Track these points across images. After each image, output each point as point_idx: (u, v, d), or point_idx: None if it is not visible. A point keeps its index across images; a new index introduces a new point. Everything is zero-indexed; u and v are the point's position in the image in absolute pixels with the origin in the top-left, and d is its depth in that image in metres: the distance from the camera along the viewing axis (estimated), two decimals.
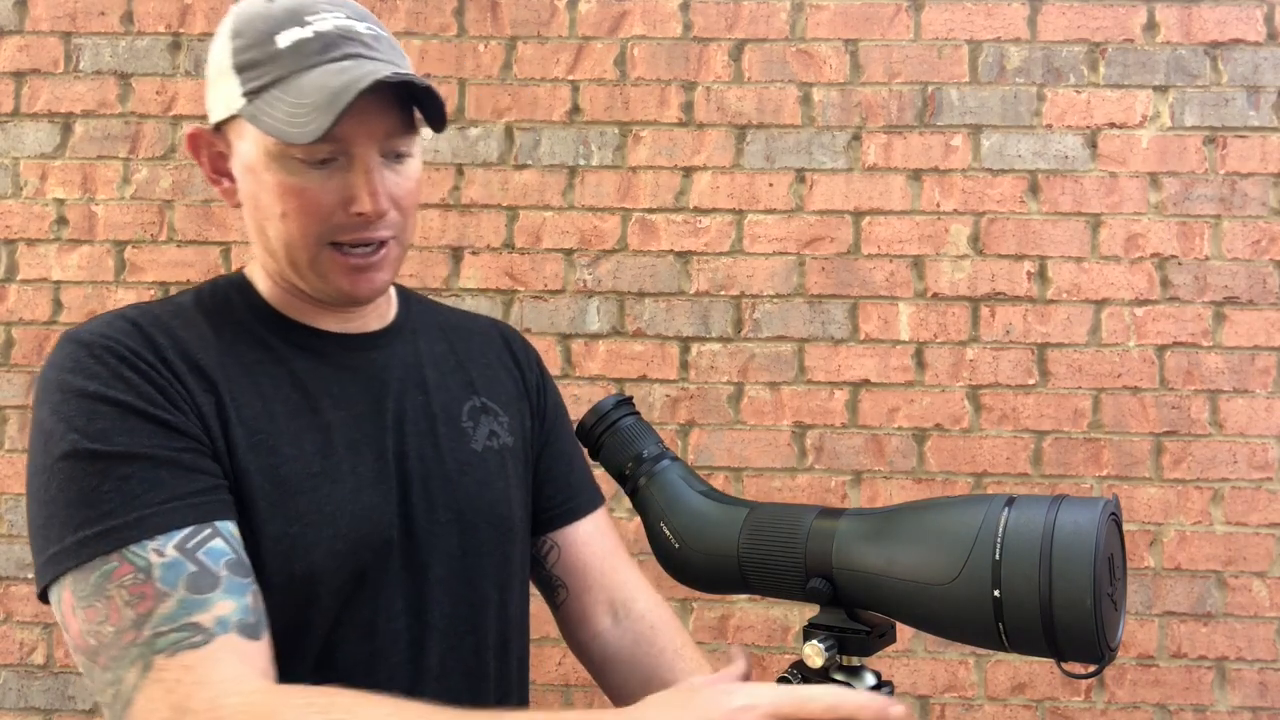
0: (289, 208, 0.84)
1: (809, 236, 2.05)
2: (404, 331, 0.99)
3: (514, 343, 1.10)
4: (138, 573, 0.73)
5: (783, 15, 2.07)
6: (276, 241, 0.86)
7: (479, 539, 0.93)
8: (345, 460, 0.86)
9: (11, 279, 2.08)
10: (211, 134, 0.89)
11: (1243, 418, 1.98)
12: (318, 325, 0.92)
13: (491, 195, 2.07)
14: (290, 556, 0.81)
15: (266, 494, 0.82)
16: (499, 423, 0.99)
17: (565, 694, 2.00)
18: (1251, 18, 2.02)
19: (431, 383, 0.96)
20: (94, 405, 0.78)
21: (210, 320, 0.88)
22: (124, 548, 0.74)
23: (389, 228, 0.87)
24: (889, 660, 1.97)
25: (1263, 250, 2.00)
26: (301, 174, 0.83)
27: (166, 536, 0.75)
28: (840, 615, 0.71)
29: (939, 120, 2.05)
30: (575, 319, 2.05)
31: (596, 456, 0.85)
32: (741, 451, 2.02)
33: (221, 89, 0.85)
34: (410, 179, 0.88)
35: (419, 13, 2.09)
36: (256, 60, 0.82)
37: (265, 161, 0.83)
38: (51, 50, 2.10)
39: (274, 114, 0.80)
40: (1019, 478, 2.00)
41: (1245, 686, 1.95)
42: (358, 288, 0.87)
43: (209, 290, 0.93)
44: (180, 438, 0.79)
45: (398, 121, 0.85)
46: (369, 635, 0.86)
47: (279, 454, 0.83)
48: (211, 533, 0.77)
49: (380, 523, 0.87)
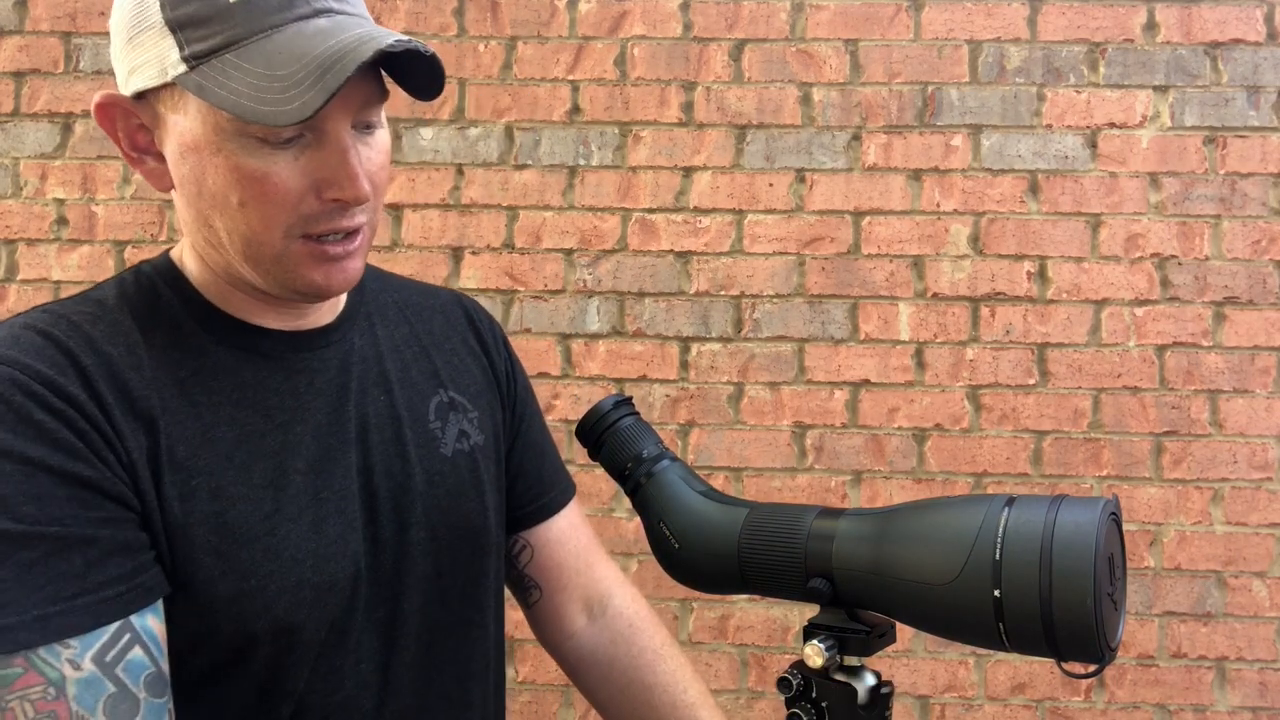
0: (248, 195, 0.69)
1: (809, 236, 2.05)
2: (359, 318, 0.85)
3: (479, 320, 0.96)
4: (48, 686, 0.61)
5: (783, 15, 2.07)
6: (230, 234, 0.72)
7: (454, 557, 0.84)
8: (304, 489, 0.75)
9: (11, 279, 2.08)
10: (130, 102, 0.72)
11: (1243, 418, 1.98)
12: (262, 323, 0.78)
13: (491, 195, 2.07)
14: (248, 616, 0.70)
15: (212, 548, 0.69)
16: (469, 420, 0.89)
17: (565, 693, 2.00)
18: (1251, 18, 2.02)
19: (394, 377, 0.84)
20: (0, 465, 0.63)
21: (138, 320, 0.73)
22: (29, 650, 0.61)
23: (364, 212, 0.74)
24: (889, 660, 1.97)
25: (1263, 250, 2.00)
26: (262, 156, 0.68)
27: (82, 642, 0.63)
28: (840, 615, 0.70)
29: (939, 120, 2.05)
30: (575, 319, 2.05)
31: (596, 457, 0.85)
32: (741, 451, 2.02)
33: (148, 50, 0.69)
34: (382, 152, 0.75)
35: (419, 13, 2.09)
36: (199, 16, 0.67)
37: (215, 140, 0.68)
38: (51, 50, 2.10)
39: (232, 85, 0.66)
40: (1019, 478, 2.00)
41: (1245, 686, 1.95)
42: (331, 280, 0.74)
43: (132, 281, 0.77)
44: (100, 502, 0.65)
45: (372, 89, 0.71)
46: (339, 683, 0.76)
47: (223, 496, 0.71)
48: (131, 639, 0.65)
49: (347, 556, 0.76)
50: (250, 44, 0.67)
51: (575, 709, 2.00)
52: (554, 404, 2.04)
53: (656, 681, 0.97)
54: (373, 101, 0.72)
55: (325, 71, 0.65)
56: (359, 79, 0.68)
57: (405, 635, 0.80)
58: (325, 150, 0.70)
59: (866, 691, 0.69)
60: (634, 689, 0.97)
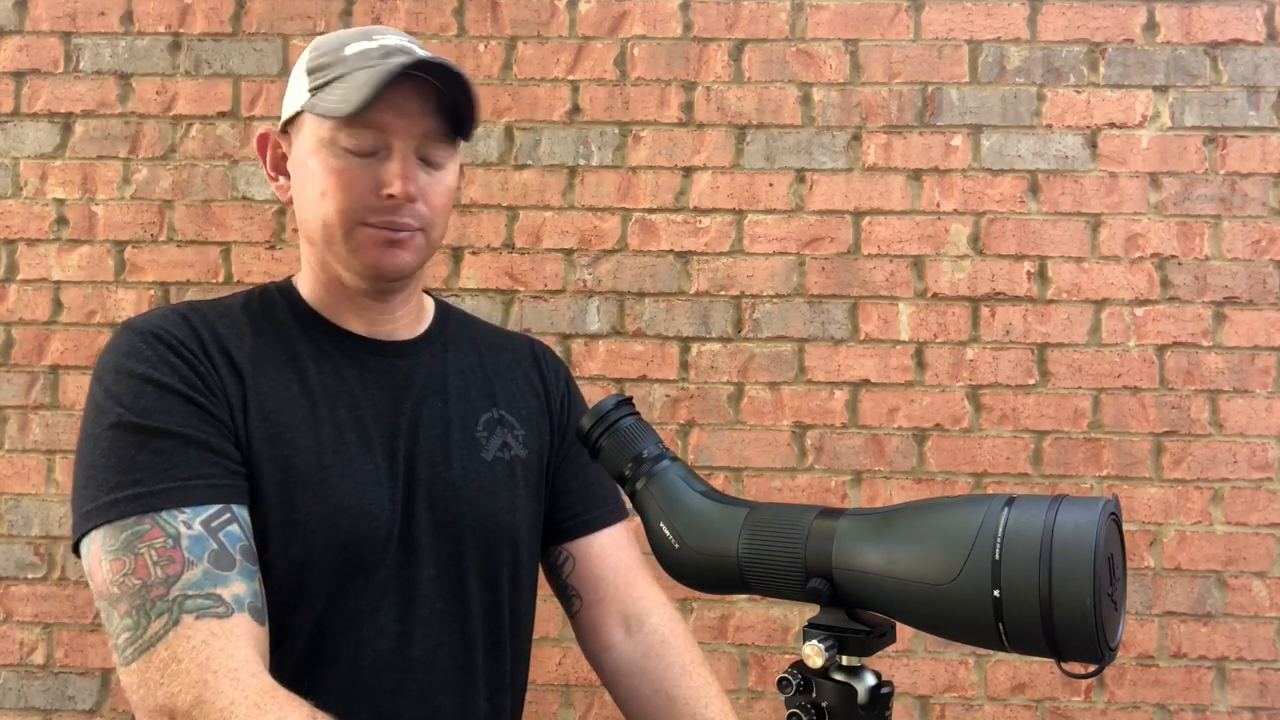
0: (328, 186, 0.91)
1: (809, 236, 2.05)
2: (435, 342, 1.04)
3: (544, 360, 1.13)
4: (167, 538, 0.81)
5: (783, 15, 2.07)
6: (315, 222, 0.93)
7: (476, 544, 0.97)
8: (356, 458, 0.92)
9: (11, 279, 2.08)
10: (278, 135, 0.98)
11: (1243, 418, 1.98)
12: (352, 329, 0.99)
13: (491, 195, 2.07)
14: (289, 542, 0.87)
15: (277, 482, 0.88)
16: (514, 435, 1.03)
17: (565, 693, 2.00)
18: (1251, 18, 2.02)
19: (453, 391, 1.01)
20: (141, 385, 0.86)
21: (252, 321, 0.96)
22: (155, 512, 0.81)
23: (416, 218, 0.93)
24: (889, 660, 1.97)
25: (1263, 250, 2.00)
26: (345, 159, 0.90)
27: (194, 511, 0.82)
28: (840, 615, 0.70)
29: (939, 120, 2.05)
30: (575, 319, 2.05)
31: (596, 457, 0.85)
32: (741, 451, 2.02)
33: (293, 92, 0.95)
34: (443, 186, 0.96)
35: (419, 13, 2.09)
36: (325, 64, 0.92)
37: (316, 148, 0.91)
38: (51, 50, 2.10)
39: (328, 99, 0.89)
40: (1019, 478, 2.00)
41: (1245, 686, 1.95)
42: (384, 260, 0.93)
43: (258, 295, 1.00)
44: (211, 422, 0.87)
45: (438, 127, 0.93)
46: (358, 624, 0.90)
47: (293, 446, 0.90)
48: (230, 517, 0.84)
49: (379, 519, 0.91)
50: (349, 75, 0.89)
51: (575, 709, 2.00)
52: None
53: (680, 695, 1.03)
54: (436, 137, 0.93)
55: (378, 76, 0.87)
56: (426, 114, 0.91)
57: (422, 597, 0.93)
58: (390, 160, 0.91)
59: (866, 691, 0.69)
60: (659, 700, 1.03)
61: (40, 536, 2.04)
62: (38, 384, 2.06)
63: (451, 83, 0.90)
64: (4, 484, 2.05)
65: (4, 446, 2.05)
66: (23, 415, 2.05)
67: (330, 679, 0.89)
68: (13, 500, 2.05)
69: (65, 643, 2.02)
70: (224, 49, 2.10)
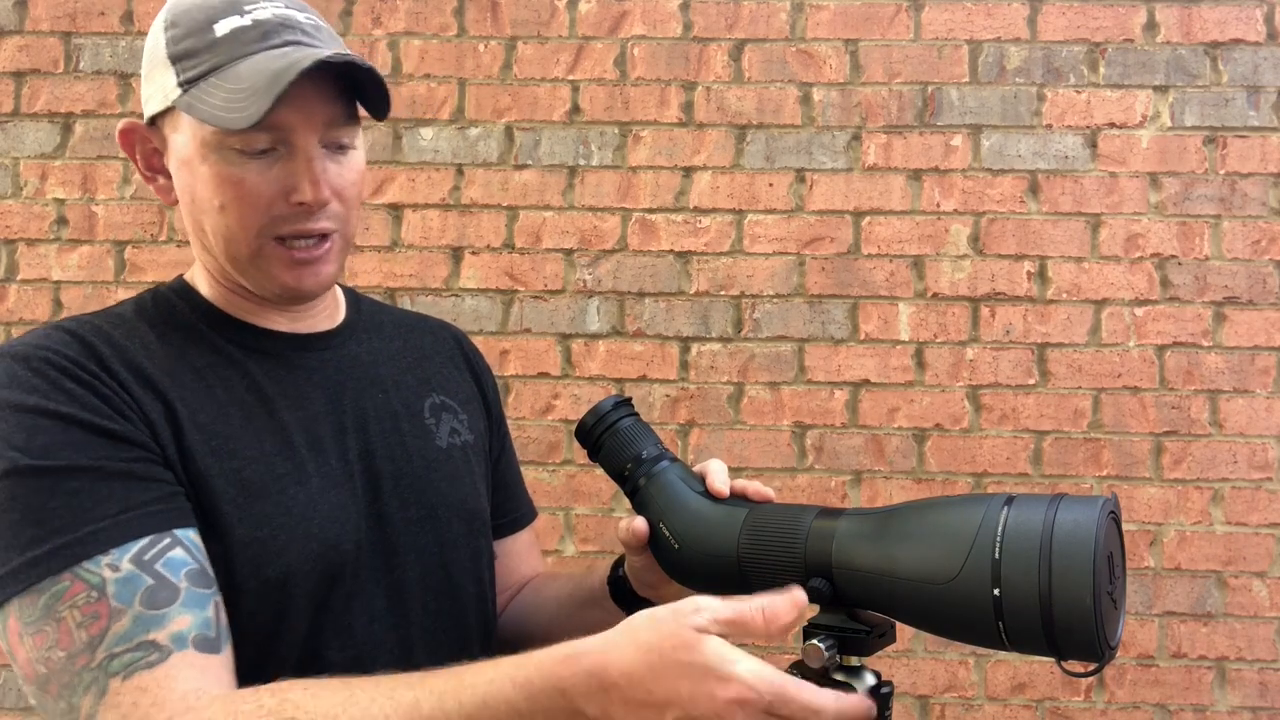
0: (227, 199, 0.80)
1: (809, 236, 2.05)
2: (356, 330, 0.96)
3: (466, 346, 1.08)
4: (90, 590, 0.70)
5: (783, 15, 2.07)
6: (215, 236, 0.83)
7: (453, 534, 0.92)
8: (309, 460, 0.84)
9: (11, 279, 2.08)
10: (146, 129, 0.85)
11: (1243, 418, 1.98)
12: (267, 325, 0.89)
13: (491, 195, 2.07)
14: (261, 561, 0.78)
15: (231, 498, 0.79)
16: (459, 420, 0.98)
17: None
18: (1251, 18, 2.02)
19: (389, 380, 0.94)
20: (34, 420, 0.73)
21: (154, 327, 0.85)
22: (76, 565, 0.70)
23: (331, 219, 0.83)
24: (889, 660, 1.97)
25: (1263, 250, 2.00)
26: (240, 164, 0.79)
27: (122, 549, 0.71)
28: (840, 615, 0.70)
29: (939, 120, 2.05)
30: (575, 319, 2.05)
31: (596, 457, 0.85)
32: (741, 451, 2.02)
33: (157, 81, 0.82)
34: (353, 170, 0.85)
35: (419, 13, 2.09)
36: (192, 49, 0.79)
37: (202, 153, 0.80)
38: (51, 50, 2.10)
39: (210, 101, 0.77)
40: (1019, 478, 2.00)
41: (1245, 686, 1.95)
42: (302, 282, 0.84)
43: (150, 298, 0.89)
44: (129, 448, 0.75)
45: (339, 111, 0.82)
46: (350, 641, 0.83)
47: (240, 456, 0.80)
48: (171, 542, 0.73)
49: (350, 522, 0.84)
50: (228, 68, 0.78)
51: None
52: (554, 404, 2.04)
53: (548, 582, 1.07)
54: (339, 122, 0.83)
55: (273, 82, 0.75)
56: (324, 100, 0.80)
57: (412, 600, 0.88)
58: (293, 160, 0.81)
59: (866, 691, 0.69)
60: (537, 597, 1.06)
61: None
62: None
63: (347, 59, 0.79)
64: None
65: None
66: None
67: None
68: None
69: None
70: None
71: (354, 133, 0.85)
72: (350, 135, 0.85)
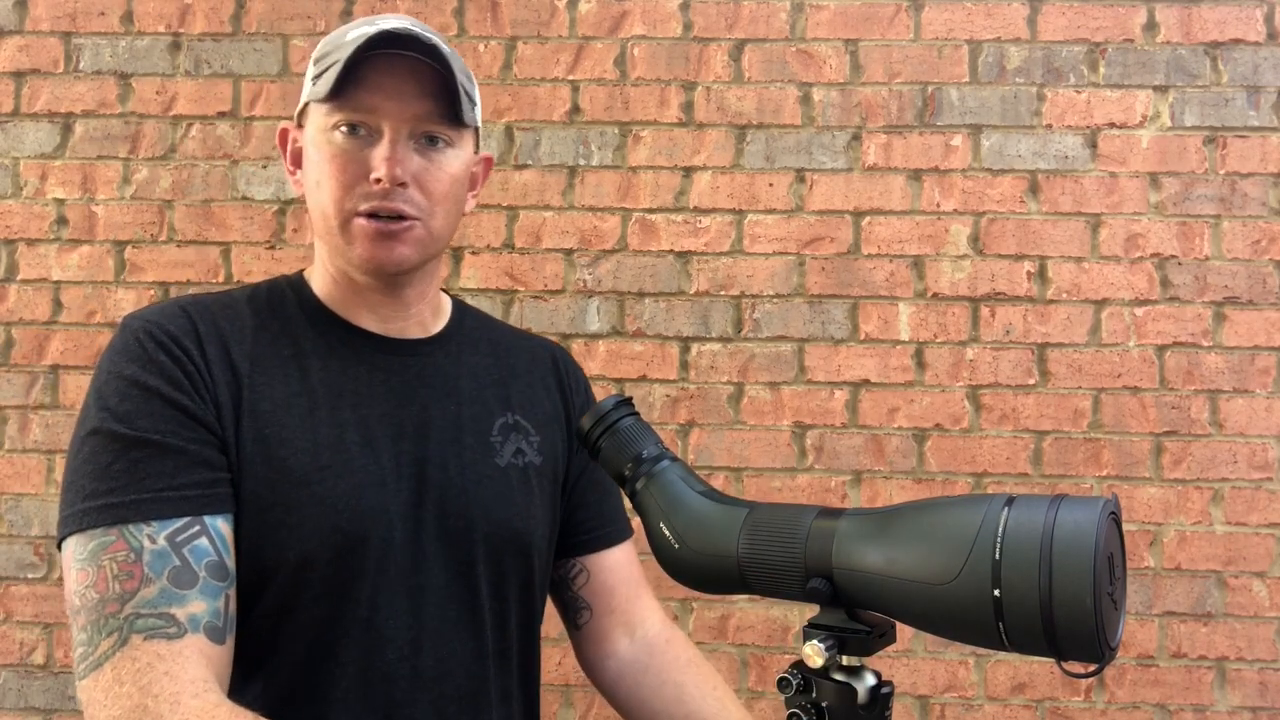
0: (323, 174, 0.90)
1: (809, 236, 2.05)
2: (449, 342, 1.01)
3: (564, 366, 1.11)
4: (130, 552, 0.79)
5: (783, 15, 2.07)
6: (315, 212, 0.92)
7: (488, 551, 0.94)
8: (357, 458, 0.89)
9: (11, 279, 2.08)
10: (295, 129, 0.96)
11: (1243, 418, 1.98)
12: (362, 325, 0.96)
13: (491, 195, 2.07)
14: (286, 543, 0.85)
15: (271, 483, 0.86)
16: (528, 441, 1.01)
17: (565, 693, 2.00)
18: (1251, 18, 2.02)
19: (466, 394, 0.99)
20: (127, 388, 0.84)
21: (257, 314, 0.93)
22: (122, 524, 0.80)
23: (409, 204, 0.90)
24: (889, 660, 1.97)
25: (1263, 250, 2.00)
26: (338, 144, 0.89)
27: (161, 524, 0.80)
28: (840, 615, 0.70)
29: (939, 120, 2.05)
30: (575, 319, 2.05)
31: (595, 458, 0.85)
32: (741, 451, 2.02)
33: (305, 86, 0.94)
34: (441, 168, 0.91)
35: (419, 13, 2.09)
36: (327, 52, 0.90)
37: (316, 137, 0.90)
38: (51, 50, 2.10)
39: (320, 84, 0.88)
40: (1019, 478, 2.00)
41: (1245, 686, 1.95)
42: (379, 253, 0.90)
43: (266, 288, 0.98)
44: (194, 427, 0.84)
45: (433, 108, 0.90)
46: (366, 633, 0.88)
47: (288, 446, 0.87)
48: (199, 530, 0.82)
49: (382, 522, 0.88)
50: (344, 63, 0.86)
51: (575, 709, 2.00)
52: None
53: (688, 680, 1.04)
54: (432, 118, 0.90)
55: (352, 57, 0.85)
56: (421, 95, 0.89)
57: (433, 605, 0.91)
58: (380, 145, 0.89)
59: (866, 691, 0.69)
60: (667, 689, 1.04)
61: (40, 536, 2.04)
62: (38, 384, 2.06)
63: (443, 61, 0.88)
64: (4, 484, 2.05)
65: (4, 446, 2.05)
66: (23, 415, 2.05)
67: (336, 688, 0.87)
68: (13, 500, 2.05)
69: (65, 643, 2.02)
70: (224, 49, 2.10)
71: (450, 131, 0.92)
72: (445, 132, 0.91)
